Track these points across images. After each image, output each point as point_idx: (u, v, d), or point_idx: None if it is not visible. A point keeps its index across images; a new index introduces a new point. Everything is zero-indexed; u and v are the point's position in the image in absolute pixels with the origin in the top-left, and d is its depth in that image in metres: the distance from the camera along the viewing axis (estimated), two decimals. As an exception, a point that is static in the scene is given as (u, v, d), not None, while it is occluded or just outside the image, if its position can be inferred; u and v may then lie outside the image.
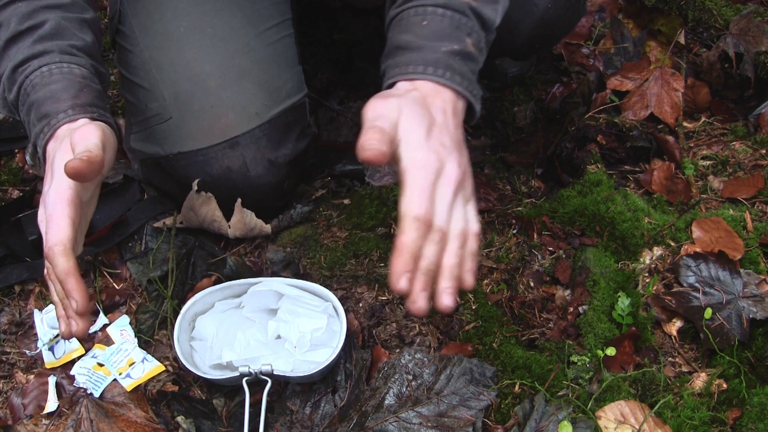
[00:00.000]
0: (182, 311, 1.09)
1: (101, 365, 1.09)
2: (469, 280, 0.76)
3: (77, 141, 0.83)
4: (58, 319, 0.85)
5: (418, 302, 0.71)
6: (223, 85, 1.14)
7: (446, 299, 0.72)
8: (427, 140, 0.75)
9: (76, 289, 0.81)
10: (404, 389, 1.04)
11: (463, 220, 0.76)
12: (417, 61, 0.82)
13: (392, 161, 0.76)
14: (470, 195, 0.80)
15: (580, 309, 1.16)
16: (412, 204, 0.72)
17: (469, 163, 0.81)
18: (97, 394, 1.05)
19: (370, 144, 0.72)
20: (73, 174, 0.79)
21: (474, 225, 0.78)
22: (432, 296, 0.73)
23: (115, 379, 1.07)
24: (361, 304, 1.16)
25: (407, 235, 0.70)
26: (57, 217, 0.82)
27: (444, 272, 0.74)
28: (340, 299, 1.11)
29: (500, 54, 1.32)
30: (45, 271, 0.87)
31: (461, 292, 1.18)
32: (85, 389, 1.06)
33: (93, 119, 0.89)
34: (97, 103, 0.91)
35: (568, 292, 1.20)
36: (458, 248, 0.75)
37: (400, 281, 0.69)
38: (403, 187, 0.73)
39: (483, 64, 0.90)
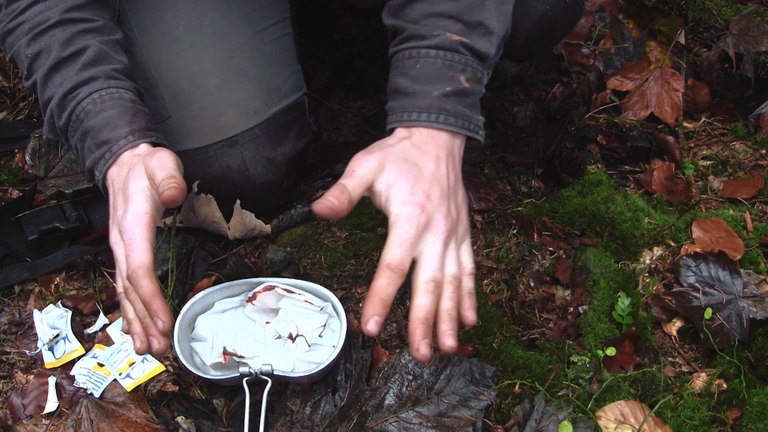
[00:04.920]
0: (182, 311, 1.08)
1: (101, 365, 1.09)
2: (470, 317, 0.82)
3: (156, 167, 0.86)
4: (132, 335, 0.87)
5: (422, 350, 0.76)
6: (222, 84, 1.14)
7: (448, 341, 0.78)
8: (411, 195, 0.80)
9: (162, 309, 0.83)
10: (404, 389, 1.04)
11: (455, 265, 0.82)
12: (411, 108, 0.86)
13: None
14: (464, 235, 0.85)
15: (580, 309, 1.16)
16: (386, 253, 0.77)
17: (464, 202, 0.87)
18: (97, 395, 1.05)
19: (323, 201, 0.78)
20: (170, 200, 0.83)
21: (468, 265, 0.84)
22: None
23: (115, 379, 1.07)
24: (361, 304, 1.16)
25: (378, 282, 0.76)
26: (137, 240, 0.84)
27: (442, 316, 0.79)
28: (340, 299, 1.11)
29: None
30: (120, 290, 0.89)
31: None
32: (85, 389, 1.06)
33: (153, 144, 0.92)
34: (151, 127, 0.95)
35: (568, 292, 1.20)
36: (452, 292, 0.80)
37: (369, 324, 0.75)
38: (386, 240, 0.78)
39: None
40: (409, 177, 0.81)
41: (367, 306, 0.76)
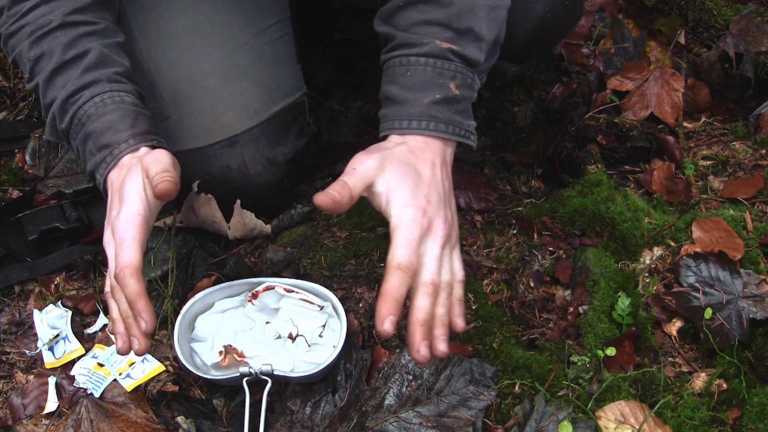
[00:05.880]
0: (182, 311, 1.08)
1: (101, 365, 1.09)
2: (460, 324, 0.84)
3: (150, 163, 0.87)
4: (115, 335, 0.87)
5: (422, 351, 0.78)
6: (222, 84, 1.14)
7: (440, 345, 0.80)
8: (413, 198, 0.81)
9: (146, 310, 0.83)
10: (404, 389, 1.04)
11: (449, 271, 0.83)
12: (402, 116, 0.87)
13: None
14: (455, 242, 0.87)
15: (580, 309, 1.16)
16: (395, 254, 0.78)
17: (455, 210, 0.88)
18: (97, 395, 1.05)
19: (325, 194, 0.79)
20: (163, 193, 0.84)
21: (459, 272, 0.86)
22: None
23: (115, 380, 1.07)
24: (361, 304, 1.16)
25: (390, 282, 0.77)
26: (127, 240, 0.85)
27: (436, 321, 0.81)
28: (340, 299, 1.11)
29: (498, 57, 1.32)
30: (107, 289, 0.89)
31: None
32: (85, 389, 1.06)
33: (153, 147, 0.93)
34: (152, 131, 0.95)
35: (568, 292, 1.20)
36: (445, 298, 0.82)
37: (384, 323, 0.75)
38: (391, 242, 0.79)
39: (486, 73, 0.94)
40: (410, 181, 0.82)
41: (381, 306, 0.76)
